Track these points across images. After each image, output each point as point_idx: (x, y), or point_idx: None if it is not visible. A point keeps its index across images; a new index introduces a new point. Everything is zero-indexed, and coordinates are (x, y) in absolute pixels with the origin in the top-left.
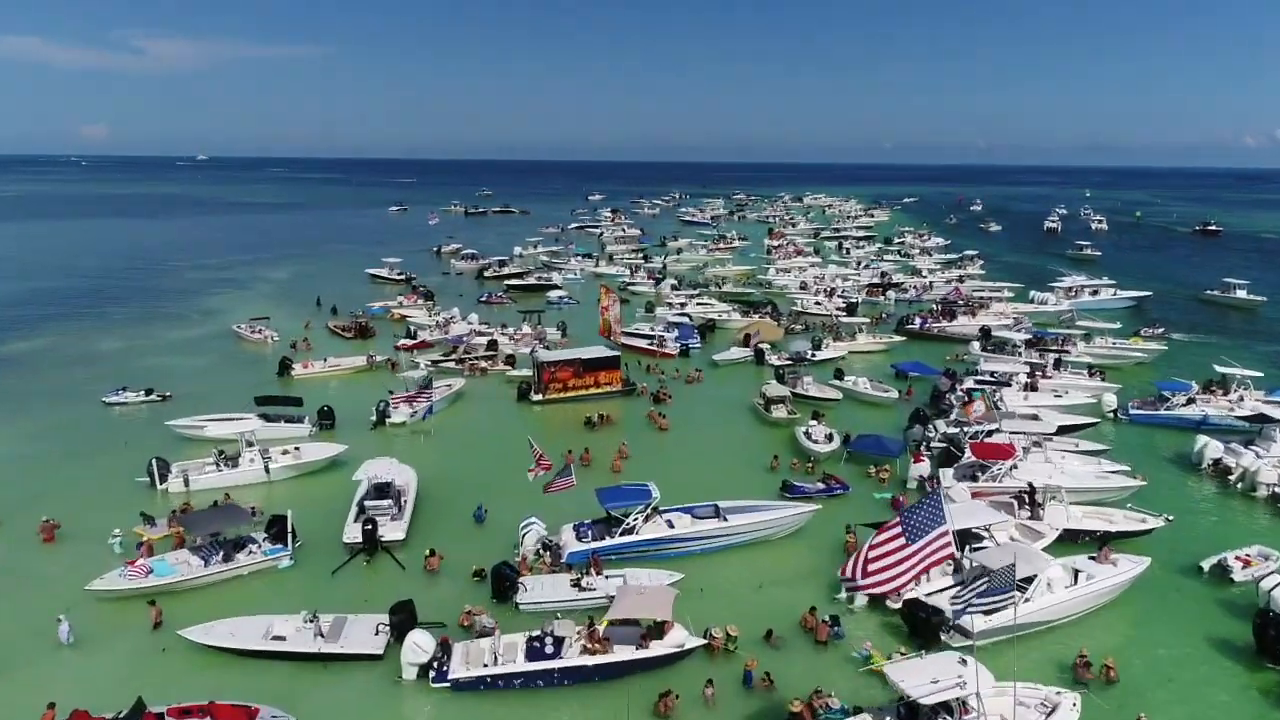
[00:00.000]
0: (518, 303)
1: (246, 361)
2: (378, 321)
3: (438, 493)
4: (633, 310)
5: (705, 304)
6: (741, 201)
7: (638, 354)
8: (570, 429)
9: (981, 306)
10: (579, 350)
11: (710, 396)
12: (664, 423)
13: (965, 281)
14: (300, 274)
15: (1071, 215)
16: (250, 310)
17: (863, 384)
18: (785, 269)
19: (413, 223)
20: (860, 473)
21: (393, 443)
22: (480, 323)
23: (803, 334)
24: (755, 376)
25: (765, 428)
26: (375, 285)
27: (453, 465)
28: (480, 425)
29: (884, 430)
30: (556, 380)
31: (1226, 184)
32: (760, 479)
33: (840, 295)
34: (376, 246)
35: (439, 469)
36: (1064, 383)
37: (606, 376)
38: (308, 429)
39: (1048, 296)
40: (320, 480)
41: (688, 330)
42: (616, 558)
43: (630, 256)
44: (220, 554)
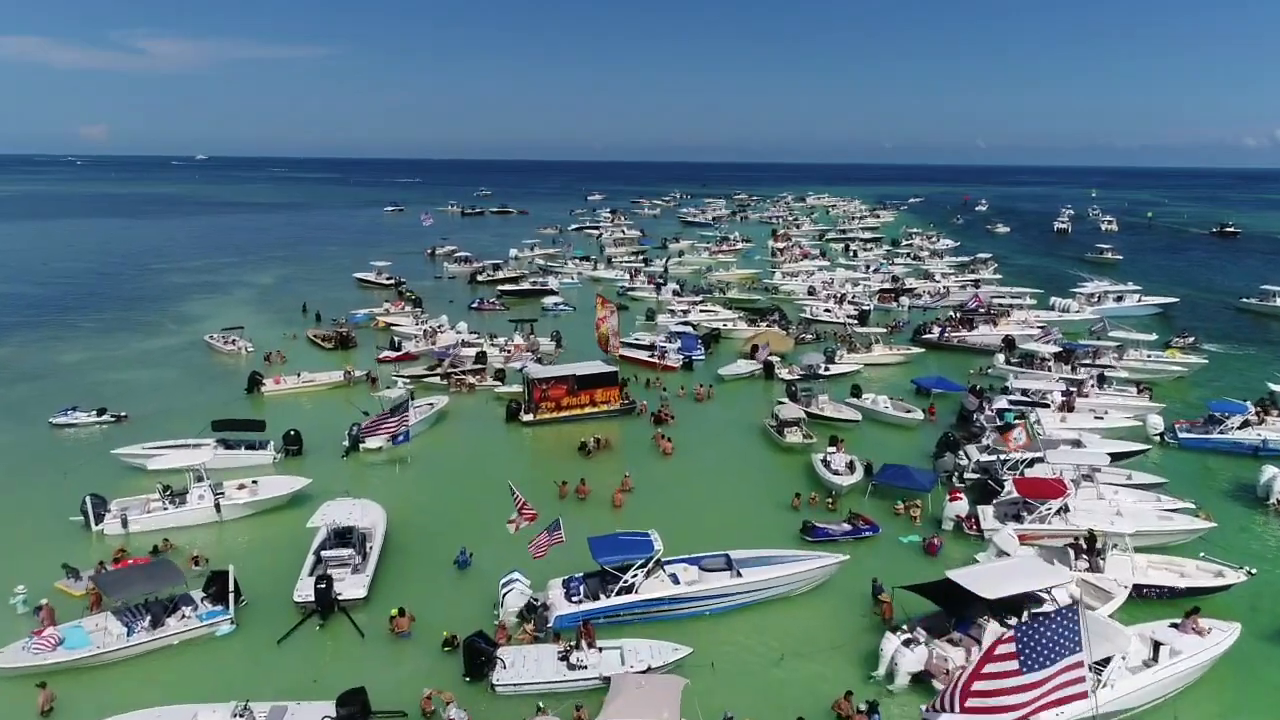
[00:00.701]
0: (510, 309)
1: (216, 376)
2: (361, 331)
3: (412, 534)
4: (632, 317)
5: (709, 311)
6: (743, 202)
7: (637, 366)
8: (563, 454)
9: (1002, 314)
10: (574, 365)
11: (716, 416)
12: (667, 446)
13: (981, 286)
14: (286, 278)
15: (1079, 215)
16: (228, 317)
17: (883, 403)
18: (791, 273)
19: (408, 223)
20: (886, 509)
21: (366, 472)
22: (470, 332)
23: (813, 345)
24: (765, 392)
25: (778, 454)
26: (363, 290)
27: (431, 499)
28: (464, 450)
29: (909, 457)
30: (548, 399)
31: (1229, 184)
32: (777, 517)
33: (851, 301)
34: (368, 249)
35: (415, 504)
36: (1102, 402)
37: (604, 394)
38: (272, 456)
39: (1069, 303)
40: (280, 520)
41: (691, 340)
42: (613, 621)
43: (630, 259)
44: (147, 618)
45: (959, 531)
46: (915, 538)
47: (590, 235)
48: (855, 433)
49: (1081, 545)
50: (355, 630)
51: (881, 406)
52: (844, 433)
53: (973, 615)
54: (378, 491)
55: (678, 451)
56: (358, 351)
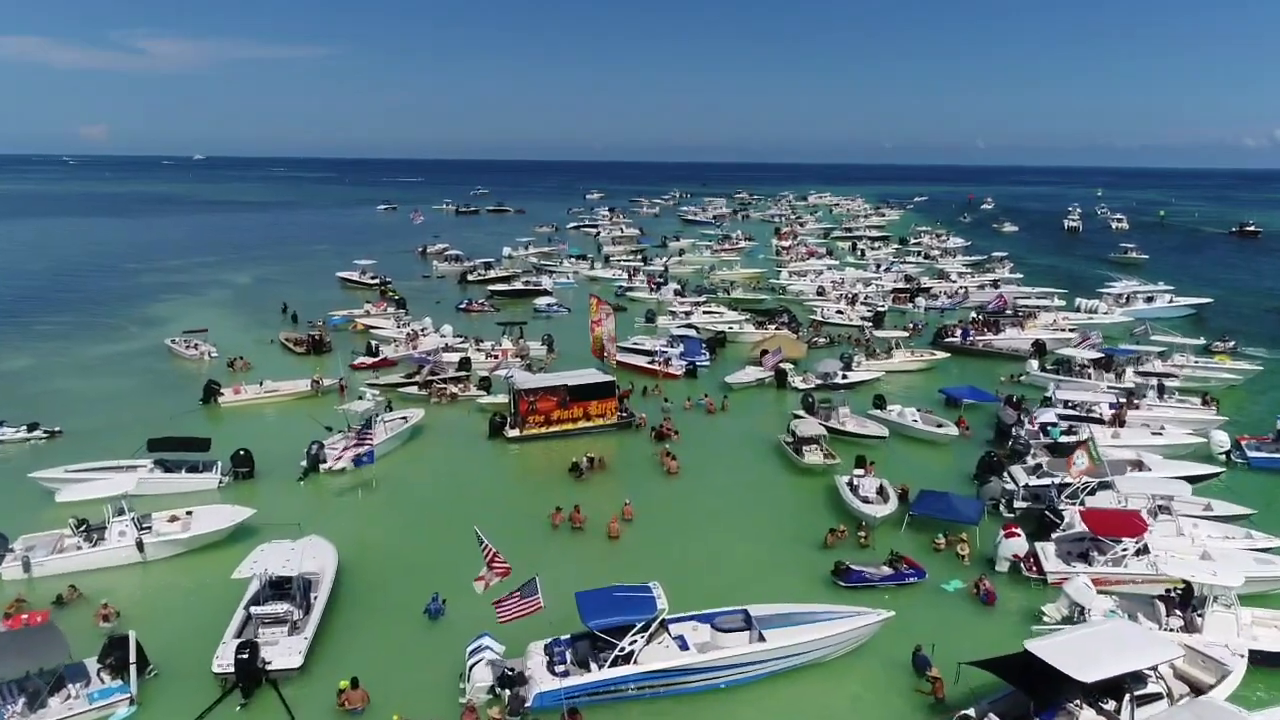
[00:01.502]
0: (501, 311)
1: (172, 384)
2: (338, 334)
3: (375, 576)
4: (630, 319)
5: (713, 313)
6: (744, 200)
7: (635, 374)
8: (553, 476)
9: (1028, 316)
10: (566, 374)
11: (724, 430)
12: (673, 465)
13: (1001, 286)
14: (265, 277)
15: (1087, 214)
16: (197, 320)
17: (911, 416)
18: (799, 272)
19: (400, 222)
20: (923, 544)
21: (325, 500)
22: (455, 335)
23: (827, 349)
24: (776, 403)
25: (796, 475)
26: (346, 290)
27: (400, 532)
28: (441, 471)
29: (945, 480)
30: (536, 412)
31: (1233, 184)
32: (800, 555)
33: (864, 302)
34: (357, 247)
35: (380, 538)
36: (1156, 415)
37: (599, 407)
38: (217, 480)
39: (1097, 304)
40: (217, 560)
41: (695, 345)
42: (607, 697)
43: (628, 258)
44: (21, 700)
45: (1014, 572)
46: (961, 583)
47: (588, 234)
48: (880, 450)
49: (1172, 597)
50: (285, 711)
51: (910, 420)
52: (869, 450)
53: (1062, 700)
54: (336, 522)
55: (683, 472)
56: (332, 357)
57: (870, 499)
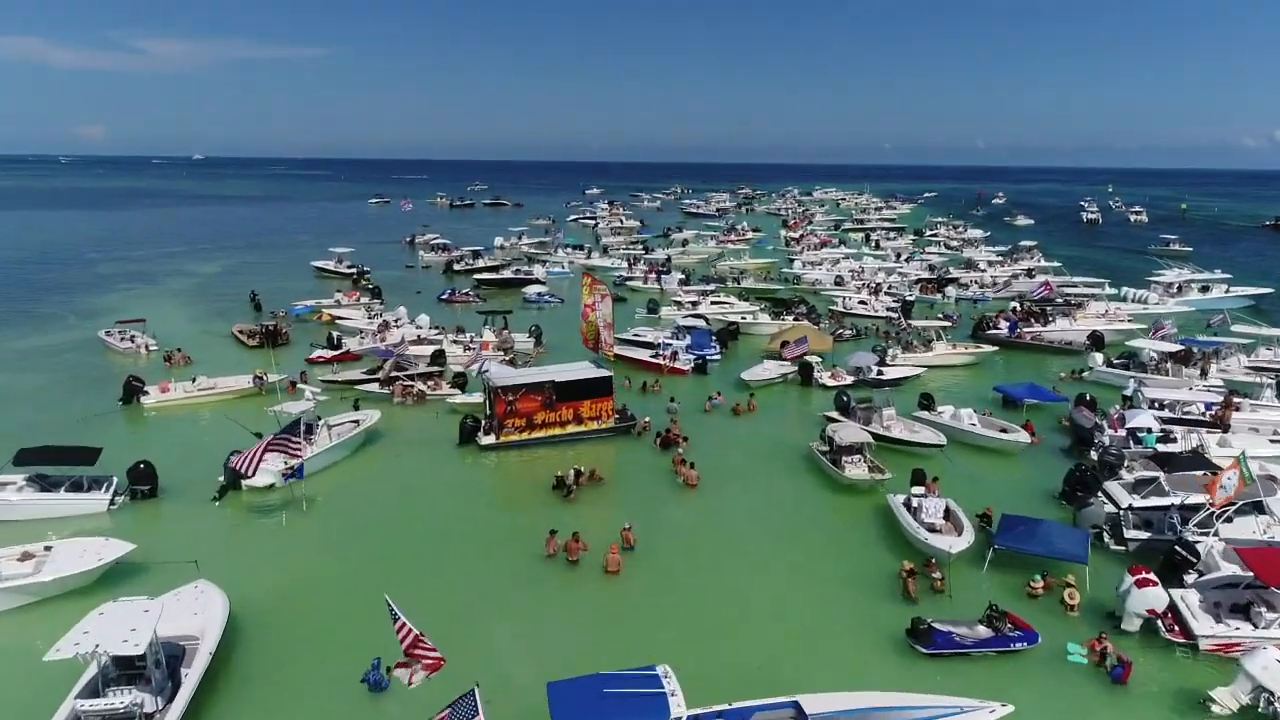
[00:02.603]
0: (487, 302)
1: (96, 381)
2: (302, 325)
3: (291, 636)
4: (630, 310)
5: (723, 303)
6: (748, 195)
7: (636, 369)
8: (535, 494)
9: (1077, 306)
10: (552, 368)
11: (742, 436)
12: (691, 475)
13: (1035, 275)
14: (235, 267)
15: (1103, 208)
16: (147, 310)
17: (968, 419)
18: (813, 261)
19: (390, 213)
20: (1013, 586)
21: (242, 525)
22: (431, 327)
23: (852, 342)
24: (801, 402)
25: (836, 493)
26: (321, 280)
27: (332, 572)
28: (396, 488)
29: (1019, 500)
30: (516, 414)
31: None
32: (860, 604)
33: (888, 292)
34: (340, 237)
35: (305, 581)
36: (1262, 418)
37: (593, 408)
38: (106, 502)
39: (1146, 294)
40: (76, 610)
41: (703, 337)
42: None
43: (628, 248)
44: None
45: (1147, 631)
46: (1082, 652)
47: (586, 225)
48: (935, 461)
49: None
50: None
51: (967, 424)
52: (923, 462)
53: None
54: (252, 557)
55: (700, 487)
56: (290, 350)
57: (937, 526)
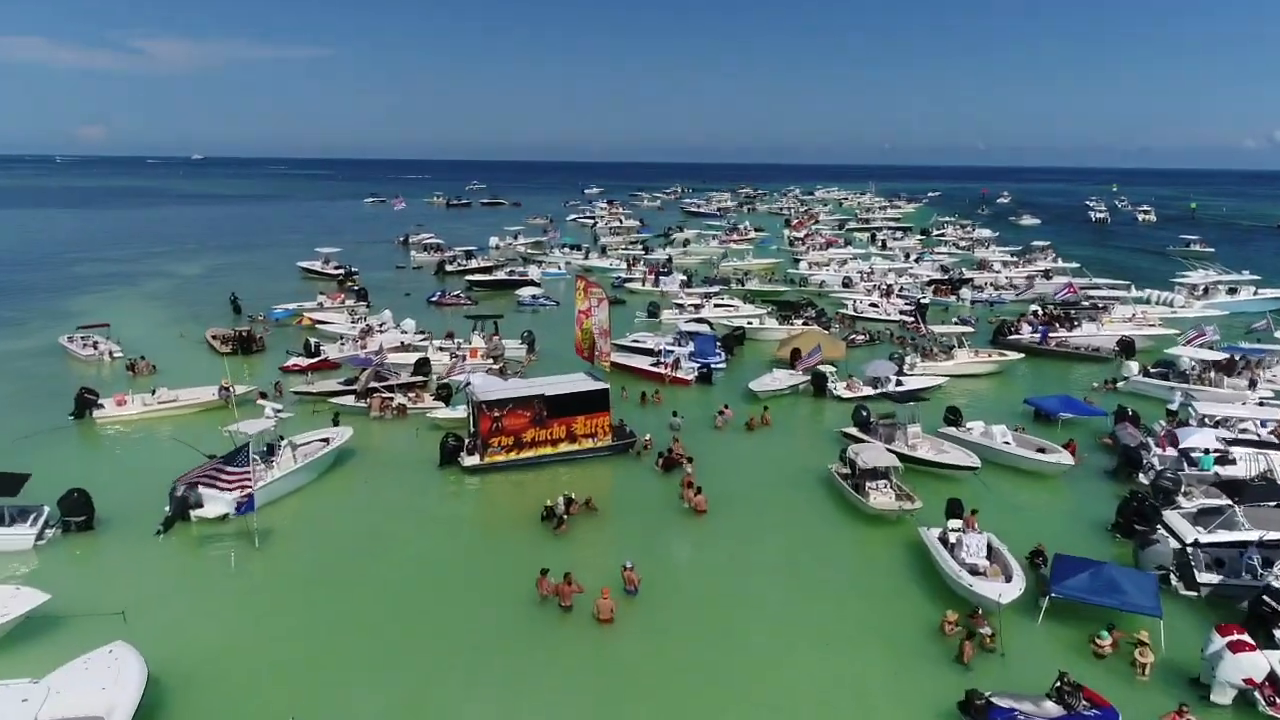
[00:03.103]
0: (479, 305)
1: (51, 392)
2: (281, 330)
3: (229, 706)
4: (629, 314)
5: (727, 305)
6: (750, 194)
7: (635, 378)
8: (522, 524)
9: (1102, 309)
10: (543, 380)
11: (751, 455)
12: (699, 501)
13: (1053, 278)
14: (219, 267)
15: (1108, 208)
16: (118, 313)
17: (1001, 436)
18: (819, 262)
19: (386, 213)
20: (1073, 642)
21: (185, 565)
22: (417, 332)
23: (865, 348)
24: (814, 417)
25: (861, 525)
26: (307, 281)
27: (284, 625)
28: (364, 519)
29: (1064, 532)
30: (502, 431)
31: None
32: (901, 668)
33: (900, 294)
34: (330, 236)
35: (250, 636)
36: None
37: (587, 424)
38: (32, 537)
39: (1171, 296)
40: None
41: (708, 343)
42: None
43: (627, 248)
44: None
45: (1241, 703)
46: None
47: (584, 226)
48: (965, 486)
49: None
50: None
51: (1000, 442)
52: (954, 487)
53: None
54: (188, 606)
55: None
56: (265, 357)
57: (980, 567)
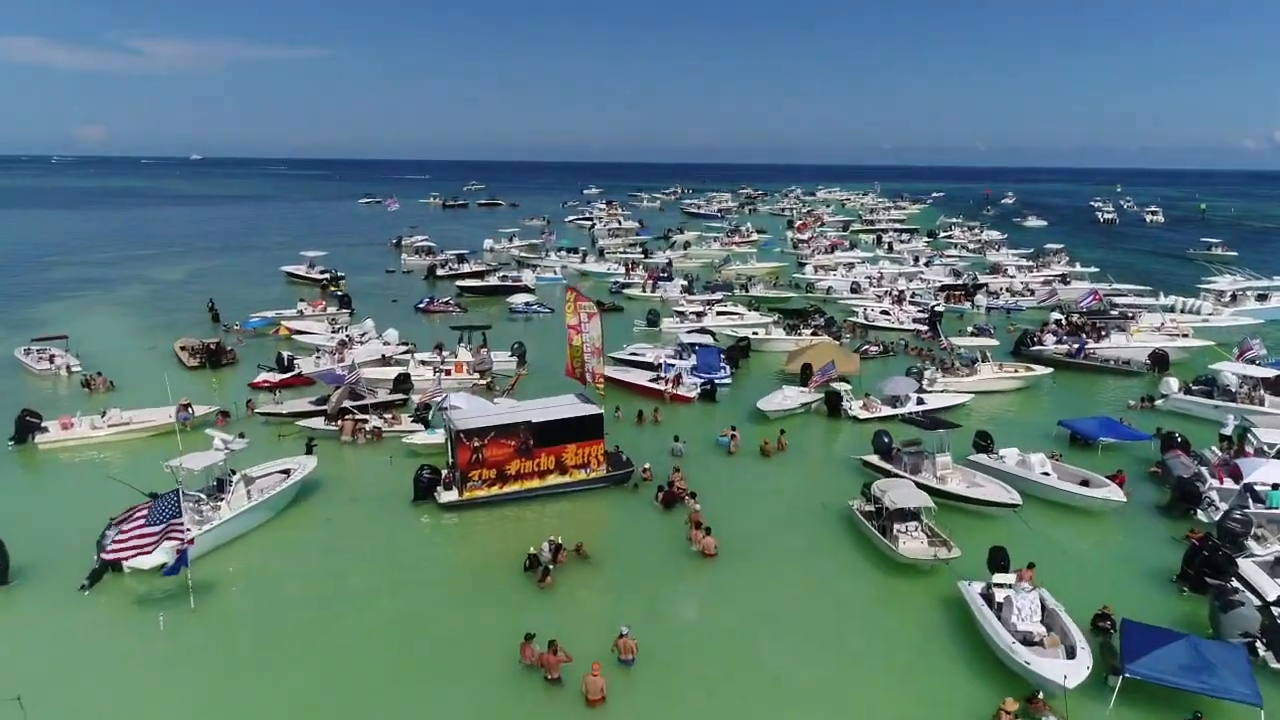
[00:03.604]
0: (468, 312)
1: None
2: (259, 339)
3: None
4: (627, 322)
5: (731, 313)
6: (750, 195)
7: (631, 394)
8: (505, 574)
9: (1130, 319)
10: (529, 404)
11: (762, 484)
12: (709, 544)
13: (1071, 283)
14: (202, 272)
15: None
16: (89, 322)
17: (1039, 465)
18: (826, 266)
19: (380, 214)
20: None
21: (115, 630)
22: (400, 343)
23: (879, 360)
24: (829, 439)
25: (890, 574)
26: (292, 286)
27: (221, 703)
28: (320, 572)
29: (1122, 587)
30: (483, 463)
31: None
32: None
33: (912, 301)
34: (320, 238)
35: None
36: None
37: (579, 454)
38: None
39: (1197, 303)
40: None
41: (711, 356)
42: None
43: (626, 251)
44: None
45: None
46: None
47: (582, 228)
48: (1002, 526)
49: None
50: None
51: (1039, 473)
52: (989, 524)
53: None
54: (102, 686)
55: (710, 568)
56: (234, 371)
57: (1035, 635)
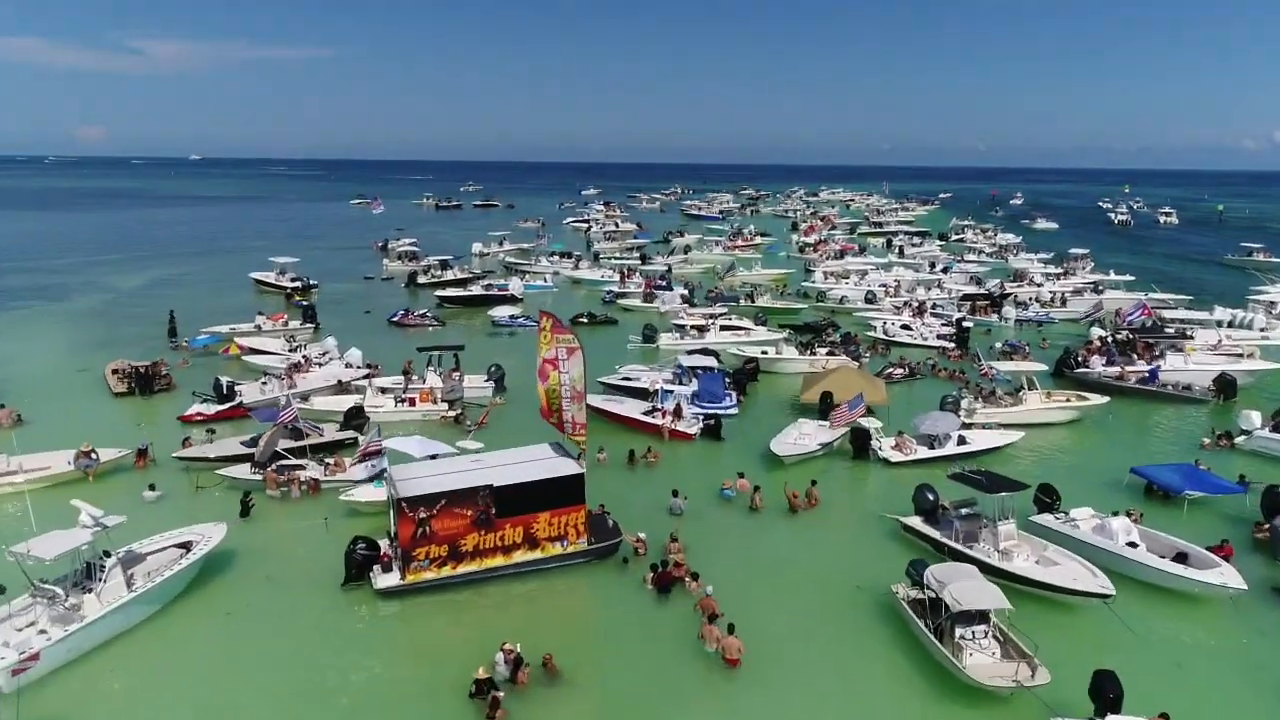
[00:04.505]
0: (446, 325)
1: None
2: (210, 358)
3: None
4: (621, 338)
5: (735, 327)
6: (753, 196)
7: (620, 427)
8: (454, 697)
9: (1187, 336)
10: (495, 458)
11: (782, 553)
12: (731, 645)
13: (1105, 292)
14: (167, 278)
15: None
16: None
17: (1124, 534)
18: (836, 273)
19: (368, 215)
20: None
21: None
22: (360, 365)
23: (905, 382)
24: (857, 488)
25: (957, 699)
26: (260, 295)
27: None
28: (198, 701)
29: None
30: (432, 539)
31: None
32: None
33: (933, 313)
34: (300, 242)
35: None
36: None
37: (554, 524)
38: None
39: (1249, 316)
40: None
41: (716, 383)
42: None
43: (622, 257)
44: None
45: None
46: None
47: (578, 230)
48: (1084, 618)
49: None
50: None
51: (1123, 544)
52: (1069, 617)
53: None
54: None
55: (730, 683)
56: (171, 399)
57: None
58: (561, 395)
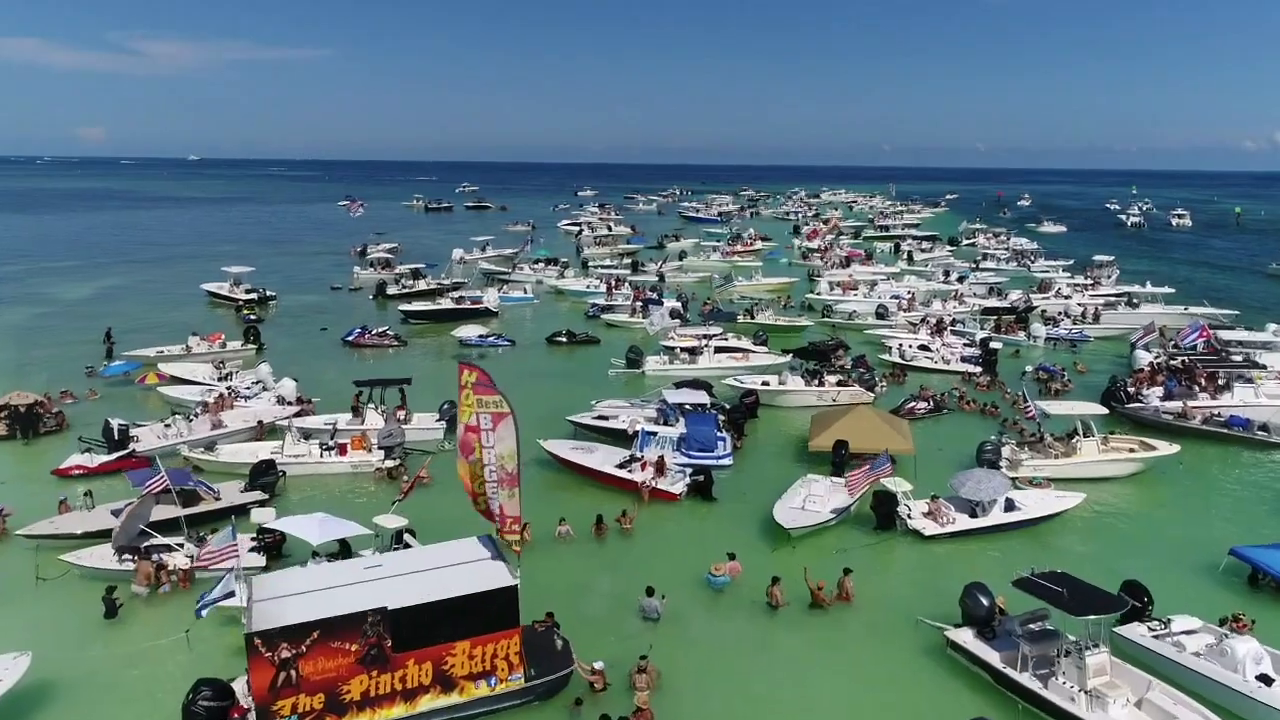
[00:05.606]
0: (406, 345)
1: None
2: (120, 388)
3: None
4: (603, 360)
5: (733, 349)
6: (753, 197)
7: (588, 484)
8: None
9: (1259, 365)
10: (394, 565)
11: (795, 680)
12: None
13: (1140, 306)
14: (116, 289)
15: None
16: None
17: (1254, 662)
18: (844, 283)
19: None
20: None
21: None
22: (295, 401)
23: (930, 418)
24: (881, 566)
25: None
26: (213, 307)
27: None
28: None
29: None
30: (300, 685)
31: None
32: None
33: (955, 331)
34: (275, 246)
35: None
36: None
37: (474, 655)
38: None
39: None
40: None
41: (708, 426)
42: None
43: (610, 265)
44: None
45: None
46: None
47: (570, 233)
48: None
49: None
50: None
51: (1252, 677)
52: None
53: None
54: None
55: None
56: (62, 441)
57: None
58: (493, 479)
